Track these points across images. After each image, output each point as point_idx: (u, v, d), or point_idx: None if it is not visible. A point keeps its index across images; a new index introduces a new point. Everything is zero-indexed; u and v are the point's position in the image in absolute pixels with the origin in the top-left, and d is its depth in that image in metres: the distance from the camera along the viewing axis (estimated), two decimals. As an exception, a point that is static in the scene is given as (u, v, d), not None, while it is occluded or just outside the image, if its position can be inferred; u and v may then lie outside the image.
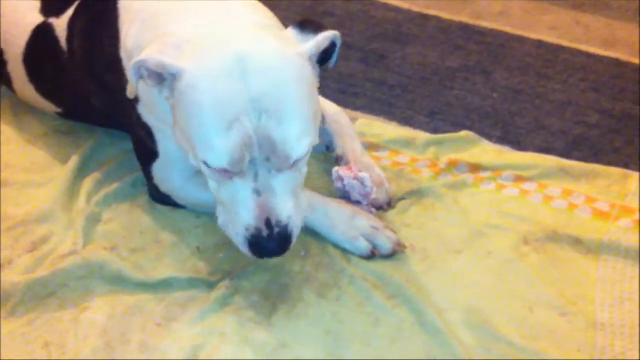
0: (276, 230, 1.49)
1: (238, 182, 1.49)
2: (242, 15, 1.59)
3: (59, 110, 2.05)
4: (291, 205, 1.51)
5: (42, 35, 1.94)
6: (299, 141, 1.46)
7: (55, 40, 1.90)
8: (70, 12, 1.88)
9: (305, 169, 1.57)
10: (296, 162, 1.49)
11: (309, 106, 1.49)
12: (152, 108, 1.70)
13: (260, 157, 1.45)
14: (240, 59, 1.44)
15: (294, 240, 1.53)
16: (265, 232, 1.48)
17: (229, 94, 1.43)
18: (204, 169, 1.52)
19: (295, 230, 1.52)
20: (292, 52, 1.49)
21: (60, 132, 2.08)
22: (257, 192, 1.49)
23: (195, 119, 1.46)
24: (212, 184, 1.55)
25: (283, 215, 1.49)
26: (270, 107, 1.42)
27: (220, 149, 1.44)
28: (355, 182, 1.78)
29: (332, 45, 1.57)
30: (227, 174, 1.48)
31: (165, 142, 1.74)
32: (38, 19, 1.95)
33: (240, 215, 1.50)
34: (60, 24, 1.90)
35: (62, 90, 1.99)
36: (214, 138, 1.44)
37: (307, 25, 1.57)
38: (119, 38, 1.71)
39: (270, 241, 1.49)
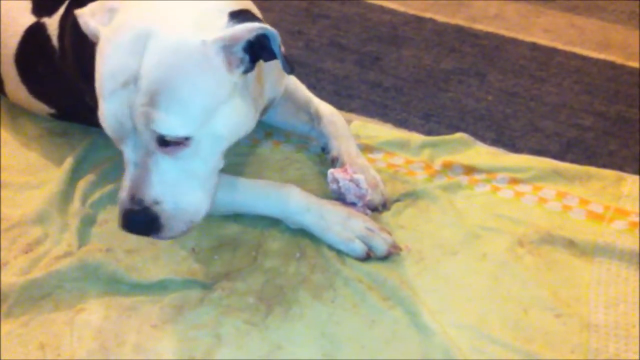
0: (139, 208, 1.51)
1: (125, 151, 1.53)
2: None
3: (52, 111, 2.05)
4: (166, 191, 1.51)
5: (34, 35, 1.93)
6: (167, 125, 1.46)
7: (47, 39, 1.90)
8: (61, 10, 1.88)
9: (197, 164, 1.55)
10: (170, 147, 1.50)
11: (192, 95, 1.48)
12: None
13: (136, 132, 1.49)
14: (145, 35, 1.46)
15: (164, 226, 1.53)
16: (128, 206, 1.51)
17: (121, 65, 1.46)
18: None
19: (169, 219, 1.52)
20: (196, 39, 1.48)
21: (54, 134, 2.07)
22: (135, 166, 1.52)
23: (96, 81, 1.52)
24: None
25: (147, 196, 1.51)
26: (152, 87, 1.44)
27: (102, 112, 1.51)
28: (350, 183, 1.78)
29: (266, 40, 1.53)
30: (115, 141, 1.54)
31: None
32: (30, 19, 1.94)
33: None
34: (52, 23, 1.89)
35: (55, 91, 1.98)
36: (101, 101, 1.51)
37: (240, 15, 1.53)
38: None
39: (134, 216, 1.51)
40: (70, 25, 1.83)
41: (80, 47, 1.78)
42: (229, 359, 1.52)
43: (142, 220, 1.51)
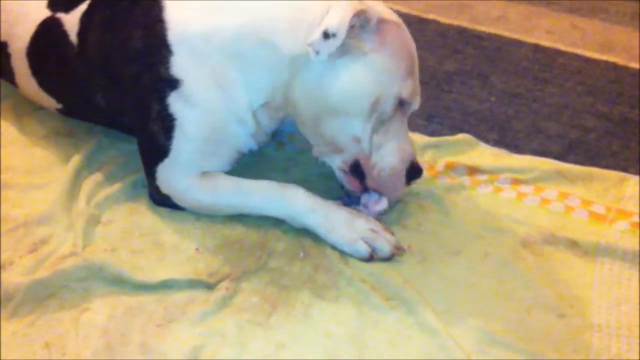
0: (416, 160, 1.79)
1: (397, 119, 1.72)
2: None
3: (59, 106, 2.06)
4: None
5: (48, 29, 1.95)
6: None
7: (62, 34, 1.91)
8: (83, 6, 1.89)
9: None
10: None
11: None
12: (193, 93, 1.73)
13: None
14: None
15: None
16: (414, 158, 1.78)
17: (412, 45, 1.73)
18: (381, 108, 1.68)
19: None
20: None
21: (60, 134, 2.08)
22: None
23: (402, 61, 1.68)
24: (366, 128, 1.69)
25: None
26: None
27: (415, 85, 1.72)
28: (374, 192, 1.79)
29: None
30: (403, 110, 1.73)
31: (181, 139, 1.76)
32: (44, 13, 1.96)
33: (402, 149, 1.74)
34: (70, 19, 1.90)
35: (64, 86, 1.99)
36: (412, 80, 1.71)
37: None
38: (164, 26, 1.74)
39: (418, 164, 1.78)
40: (97, 23, 1.85)
41: (112, 44, 1.80)
42: (233, 358, 1.53)
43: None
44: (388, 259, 1.73)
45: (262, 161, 2.00)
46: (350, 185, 1.79)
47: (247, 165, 1.95)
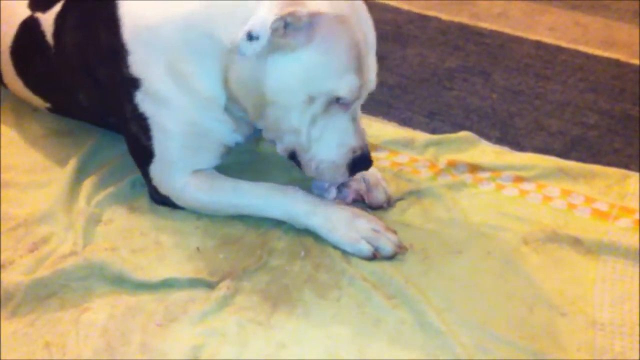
0: (365, 149, 1.71)
1: (339, 114, 1.66)
2: None
3: (48, 105, 2.06)
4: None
5: (28, 29, 1.95)
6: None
7: (41, 34, 1.90)
8: (57, 7, 1.88)
9: None
10: None
11: None
12: (156, 90, 1.71)
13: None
14: (353, 4, 1.63)
15: None
16: (360, 152, 1.70)
17: (358, 37, 1.61)
18: (315, 104, 1.63)
19: None
20: None
21: (60, 134, 2.08)
22: (353, 120, 1.69)
23: (336, 56, 1.59)
24: (302, 121, 1.65)
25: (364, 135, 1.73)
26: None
27: (356, 81, 1.62)
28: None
29: None
30: (343, 106, 1.65)
31: (161, 138, 1.75)
32: (26, 13, 1.96)
33: (342, 144, 1.68)
34: (47, 19, 1.90)
35: (49, 85, 2.00)
36: (350, 73, 1.61)
37: None
38: (118, 24, 1.72)
39: (365, 156, 1.71)
40: (71, 24, 1.84)
41: (86, 45, 1.80)
42: (233, 358, 1.52)
43: (368, 156, 1.72)
44: (390, 257, 1.72)
45: (262, 161, 1.99)
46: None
47: (247, 165, 1.95)
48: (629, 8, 2.76)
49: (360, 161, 1.70)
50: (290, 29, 1.55)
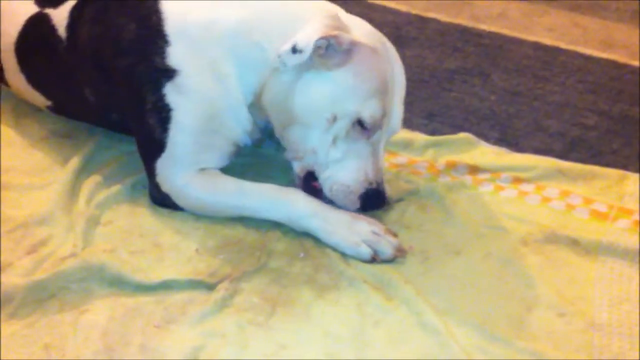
0: (381, 186, 1.76)
1: (360, 140, 1.72)
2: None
3: (49, 103, 2.06)
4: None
5: (35, 25, 1.96)
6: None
7: (51, 29, 1.92)
8: (71, 2, 1.91)
9: None
10: None
11: None
12: (190, 82, 1.76)
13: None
14: (388, 47, 1.78)
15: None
16: (375, 186, 1.74)
17: (386, 72, 1.73)
18: (338, 124, 1.70)
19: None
20: None
21: (59, 135, 2.08)
22: (374, 153, 1.75)
23: (364, 81, 1.69)
24: (322, 141, 1.71)
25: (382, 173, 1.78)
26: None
27: (379, 108, 1.70)
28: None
29: None
30: (365, 132, 1.70)
31: (177, 131, 1.77)
32: (32, 9, 1.98)
33: (361, 170, 1.73)
34: (59, 13, 1.92)
35: (53, 82, 2.00)
36: (375, 98, 1.69)
37: None
38: (161, 17, 1.77)
39: (381, 193, 1.75)
40: (89, 15, 1.86)
41: (104, 37, 1.82)
42: (233, 359, 1.52)
43: (383, 192, 1.77)
44: (390, 261, 1.72)
45: (262, 161, 2.00)
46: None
47: (247, 165, 1.95)
48: (628, 9, 2.76)
49: (374, 196, 1.75)
50: (330, 49, 1.66)
